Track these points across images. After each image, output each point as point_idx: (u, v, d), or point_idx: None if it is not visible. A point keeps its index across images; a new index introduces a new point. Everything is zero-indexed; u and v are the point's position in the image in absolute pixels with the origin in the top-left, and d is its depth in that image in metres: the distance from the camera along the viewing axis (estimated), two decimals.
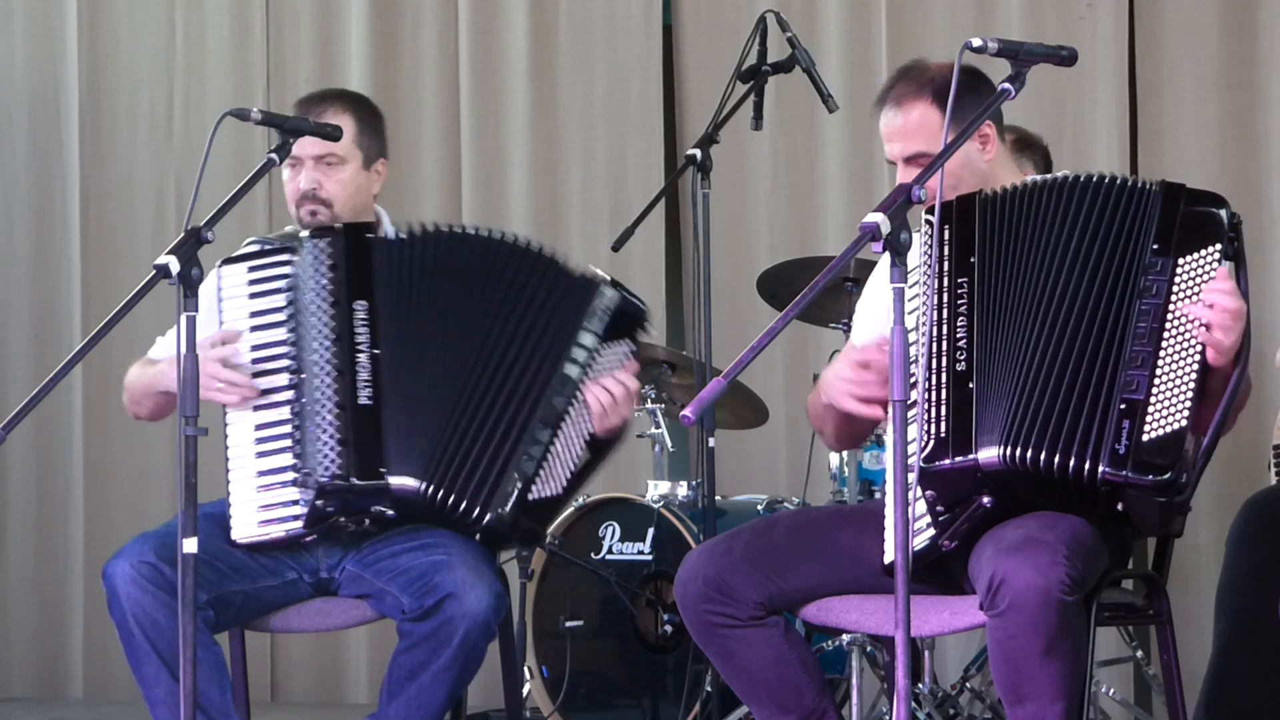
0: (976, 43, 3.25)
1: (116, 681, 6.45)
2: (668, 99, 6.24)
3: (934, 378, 3.44)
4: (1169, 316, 3.39)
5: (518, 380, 3.93)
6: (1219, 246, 3.41)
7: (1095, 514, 3.42)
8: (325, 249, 3.97)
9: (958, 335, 3.46)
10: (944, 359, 3.46)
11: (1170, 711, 3.80)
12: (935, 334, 3.46)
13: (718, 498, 4.83)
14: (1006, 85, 3.30)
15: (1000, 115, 3.71)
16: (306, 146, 3.97)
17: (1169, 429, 3.31)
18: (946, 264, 3.50)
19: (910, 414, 3.36)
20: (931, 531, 3.44)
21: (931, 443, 3.41)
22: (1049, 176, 3.59)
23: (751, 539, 3.64)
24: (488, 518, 3.87)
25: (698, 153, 4.66)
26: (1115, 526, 3.54)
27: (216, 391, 3.88)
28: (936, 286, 3.48)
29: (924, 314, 3.47)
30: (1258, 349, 5.41)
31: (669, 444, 5.31)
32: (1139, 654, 4.98)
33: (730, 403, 5.33)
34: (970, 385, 3.44)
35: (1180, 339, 3.38)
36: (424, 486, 3.88)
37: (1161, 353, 3.36)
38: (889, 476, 3.48)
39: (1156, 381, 3.35)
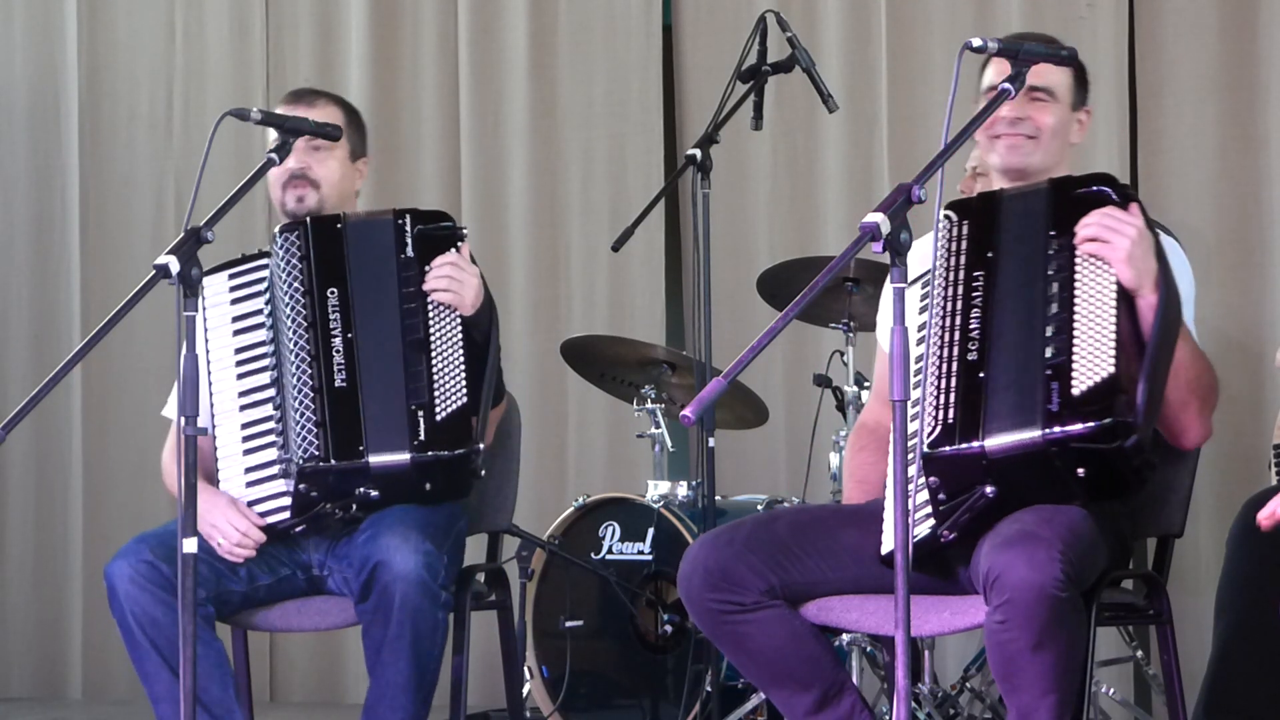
0: (976, 43, 3.26)
1: (115, 681, 6.45)
2: (668, 99, 6.24)
3: (944, 366, 3.46)
4: (1075, 282, 3.45)
5: (380, 333, 3.98)
6: (1110, 207, 3.49)
7: (1085, 496, 3.44)
8: (294, 241, 4.03)
9: (970, 326, 3.49)
10: (955, 348, 3.48)
11: (1170, 711, 3.80)
12: (949, 324, 3.48)
13: (718, 498, 4.83)
14: (1006, 85, 3.32)
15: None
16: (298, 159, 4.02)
17: (1097, 378, 3.36)
18: (962, 257, 3.53)
19: (912, 411, 3.40)
20: (931, 522, 3.45)
21: (938, 429, 3.43)
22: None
23: (754, 530, 3.65)
24: (409, 456, 3.90)
25: (698, 153, 4.66)
26: (1113, 523, 3.54)
27: (217, 538, 3.96)
28: (951, 279, 3.51)
29: (938, 304, 3.50)
30: (1257, 350, 5.46)
31: (669, 444, 5.31)
32: (1139, 654, 4.98)
33: (730, 403, 5.33)
34: (981, 375, 3.45)
35: (1088, 300, 3.44)
36: (407, 458, 3.92)
37: (1075, 314, 3.42)
38: (889, 476, 3.48)
39: (1076, 341, 3.41)
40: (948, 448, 3.43)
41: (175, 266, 3.29)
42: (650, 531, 5.12)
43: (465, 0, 6.38)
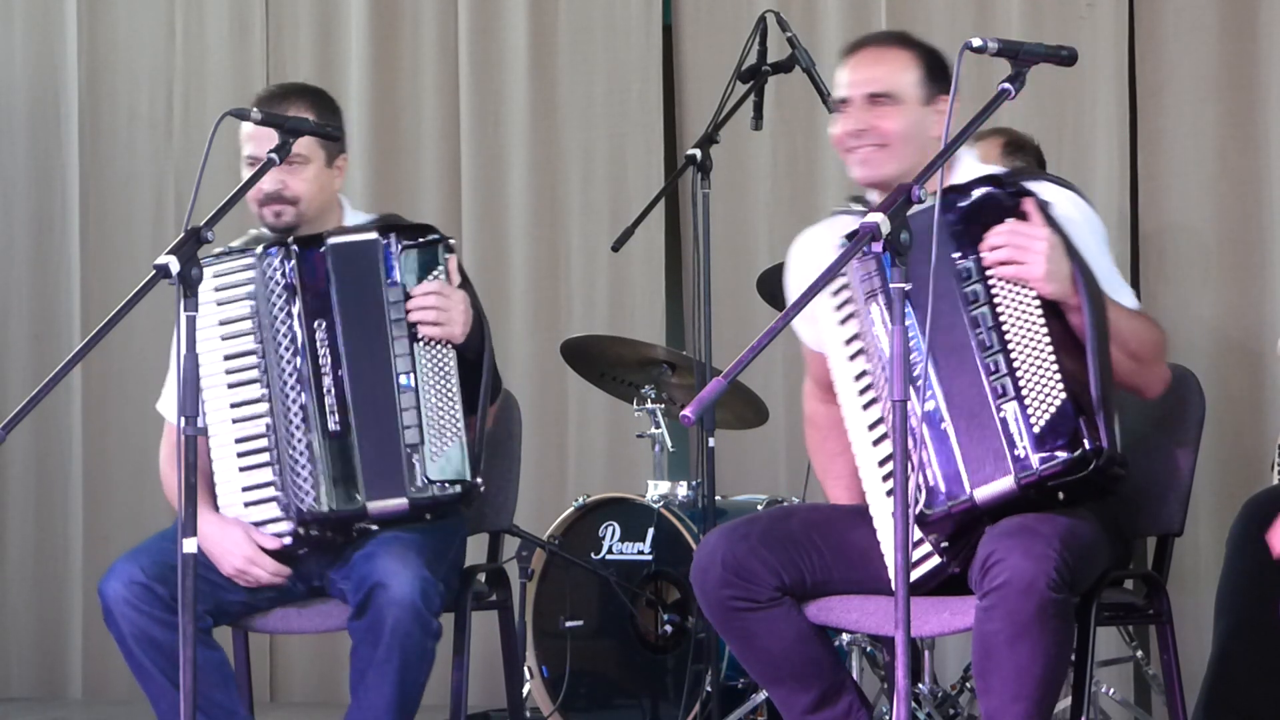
0: (976, 43, 3.25)
1: (116, 681, 6.45)
2: (668, 99, 6.23)
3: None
4: (997, 308, 3.40)
5: (370, 366, 3.92)
6: (1012, 221, 3.41)
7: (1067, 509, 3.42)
8: (277, 266, 3.96)
9: (914, 371, 3.34)
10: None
11: (1170, 711, 3.80)
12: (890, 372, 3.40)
13: (718, 498, 4.83)
14: (1006, 85, 3.29)
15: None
16: (266, 147, 3.74)
17: (1053, 409, 3.33)
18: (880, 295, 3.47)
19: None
20: (937, 559, 3.44)
21: (922, 494, 3.40)
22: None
23: (769, 526, 3.65)
24: (406, 500, 3.88)
25: (698, 153, 4.66)
26: (1114, 523, 3.54)
27: (232, 568, 3.95)
28: (880, 318, 3.45)
29: (874, 348, 3.45)
30: (1257, 350, 5.46)
31: (669, 444, 5.31)
32: (1139, 654, 4.97)
33: (730, 403, 5.33)
34: (943, 426, 3.42)
35: (1017, 323, 3.39)
36: (405, 503, 3.89)
37: (1009, 347, 3.38)
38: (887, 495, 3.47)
39: (1019, 374, 3.37)
40: (939, 508, 3.41)
41: (175, 266, 3.28)
42: (650, 531, 5.12)
43: (465, 0, 6.38)
